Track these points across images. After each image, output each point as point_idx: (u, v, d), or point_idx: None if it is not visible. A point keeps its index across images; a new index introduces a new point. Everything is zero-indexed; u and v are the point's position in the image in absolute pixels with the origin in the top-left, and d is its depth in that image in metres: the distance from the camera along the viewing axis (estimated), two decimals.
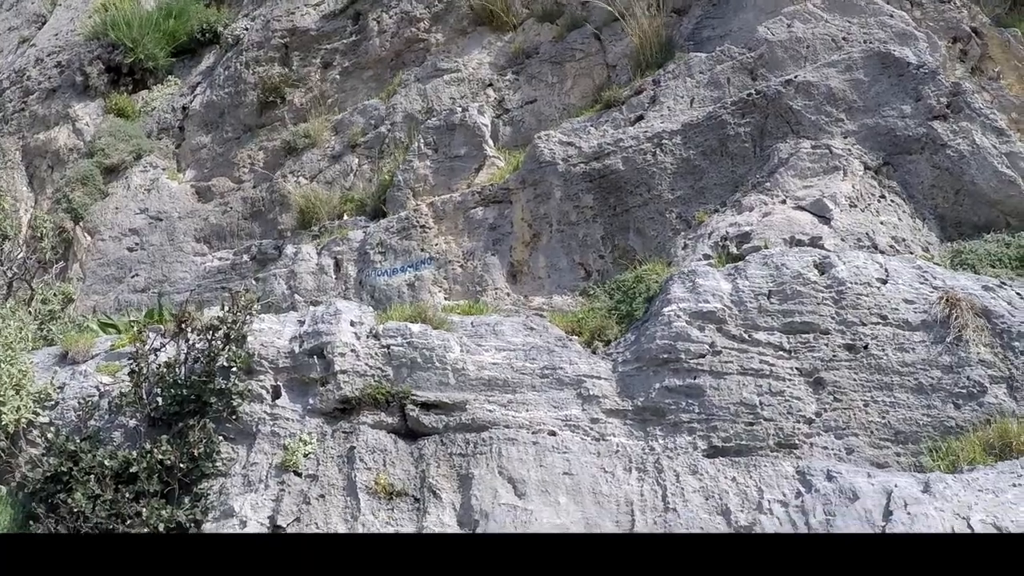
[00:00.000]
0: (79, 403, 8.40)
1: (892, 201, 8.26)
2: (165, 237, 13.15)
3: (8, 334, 8.89)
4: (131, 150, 14.46)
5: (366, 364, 7.90)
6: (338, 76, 13.54)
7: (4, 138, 16.13)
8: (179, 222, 13.22)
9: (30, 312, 11.03)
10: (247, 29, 15.02)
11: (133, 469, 7.55)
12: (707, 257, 8.19)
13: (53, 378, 8.87)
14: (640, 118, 9.86)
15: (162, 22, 16.07)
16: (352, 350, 7.99)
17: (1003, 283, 7.25)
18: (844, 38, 9.32)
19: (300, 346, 8.23)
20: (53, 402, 8.65)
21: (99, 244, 13.53)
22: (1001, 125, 8.26)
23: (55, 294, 12.15)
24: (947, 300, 6.95)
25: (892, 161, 8.45)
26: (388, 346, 7.95)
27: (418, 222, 10.31)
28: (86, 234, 13.71)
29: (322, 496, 7.38)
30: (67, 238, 13.67)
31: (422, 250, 10.12)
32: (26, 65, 17.45)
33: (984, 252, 7.78)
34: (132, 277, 12.91)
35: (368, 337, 8.15)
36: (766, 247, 7.86)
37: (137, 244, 13.28)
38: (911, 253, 7.81)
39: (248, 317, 8.38)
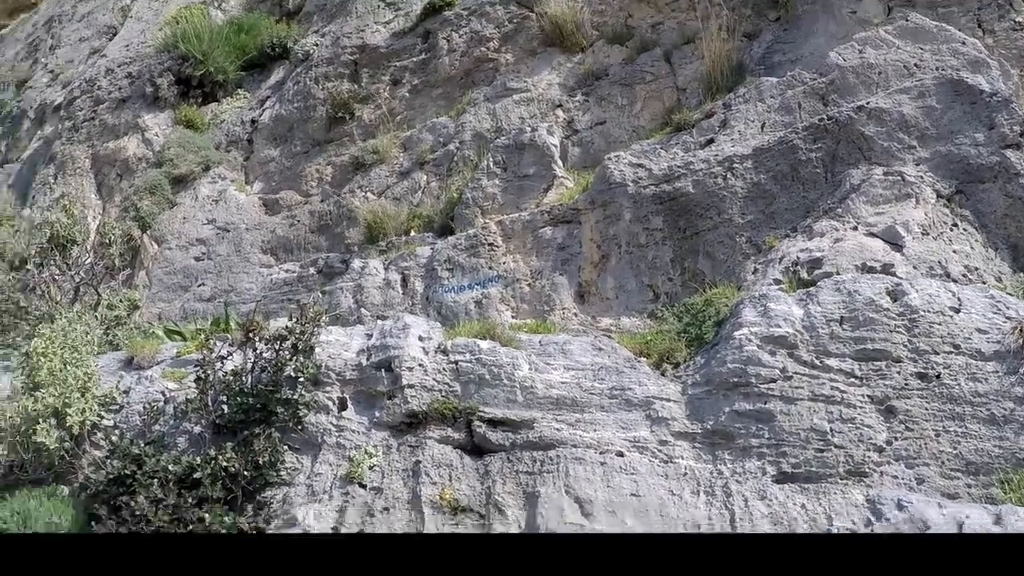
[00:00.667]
0: (144, 408, 8.52)
1: (964, 230, 8.20)
2: (232, 248, 13.28)
3: (75, 337, 9.02)
4: (199, 161, 14.64)
5: (434, 379, 7.95)
6: (407, 93, 13.60)
7: (74, 146, 16.42)
8: (246, 233, 13.34)
9: (96, 317, 11.14)
10: (317, 45, 15.15)
11: (197, 475, 7.64)
12: (777, 282, 8.17)
13: (119, 382, 8.98)
14: (711, 141, 9.85)
15: (232, 36, 16.29)
16: (420, 365, 8.04)
17: None
18: (916, 65, 9.25)
19: (368, 359, 8.30)
20: (118, 406, 8.77)
21: (166, 253, 13.69)
22: None
23: (121, 300, 12.22)
24: (1021, 330, 6.88)
25: (964, 189, 8.38)
26: (456, 362, 8.00)
27: (486, 240, 10.36)
28: (153, 242, 13.88)
29: (386, 509, 7.44)
30: (134, 246, 13.81)
31: (490, 268, 10.16)
32: (97, 75, 17.74)
33: None
34: (198, 286, 13.05)
35: (436, 352, 8.20)
36: (838, 273, 7.83)
37: (204, 254, 13.42)
38: (983, 282, 7.74)
39: (316, 329, 8.46)
